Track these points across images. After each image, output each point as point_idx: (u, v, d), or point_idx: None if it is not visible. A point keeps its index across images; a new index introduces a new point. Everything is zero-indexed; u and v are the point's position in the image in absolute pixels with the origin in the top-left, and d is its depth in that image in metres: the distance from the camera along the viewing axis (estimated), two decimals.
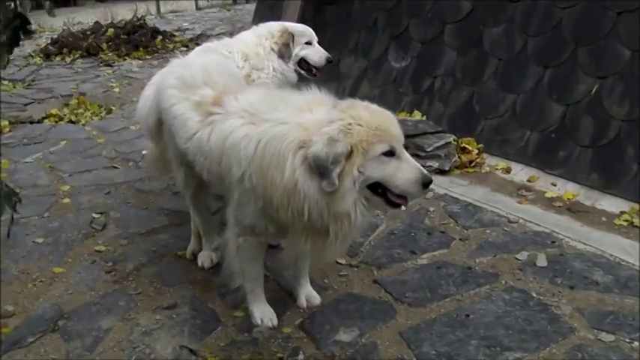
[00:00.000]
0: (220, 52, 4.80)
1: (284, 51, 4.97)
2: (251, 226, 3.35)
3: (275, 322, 3.71)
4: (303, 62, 5.14)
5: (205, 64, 3.92)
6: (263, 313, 3.72)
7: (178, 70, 3.92)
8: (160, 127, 4.15)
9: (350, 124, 2.91)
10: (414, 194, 3.11)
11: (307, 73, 5.14)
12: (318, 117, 3.02)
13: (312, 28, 5.28)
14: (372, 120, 2.96)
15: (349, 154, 2.88)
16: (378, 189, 3.04)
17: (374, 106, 3.14)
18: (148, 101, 4.32)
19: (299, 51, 5.09)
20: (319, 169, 2.86)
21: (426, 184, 3.04)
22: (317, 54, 5.16)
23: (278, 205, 3.01)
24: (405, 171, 3.00)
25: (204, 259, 4.38)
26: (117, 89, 9.82)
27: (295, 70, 5.10)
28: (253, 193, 3.16)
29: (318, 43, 5.26)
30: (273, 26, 5.11)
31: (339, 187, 2.88)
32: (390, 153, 2.97)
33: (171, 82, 3.80)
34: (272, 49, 4.94)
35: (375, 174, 2.96)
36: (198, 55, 4.81)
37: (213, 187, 3.81)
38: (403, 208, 3.18)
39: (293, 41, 5.04)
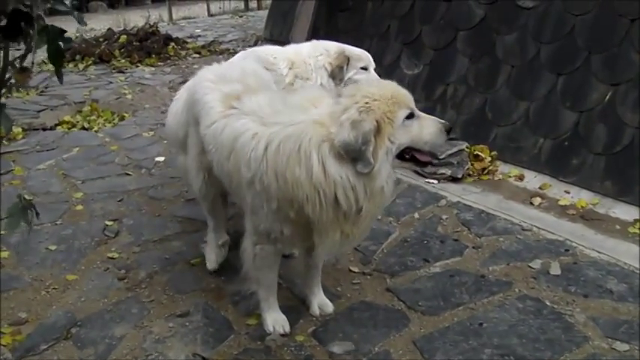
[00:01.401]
0: (265, 58, 4.86)
1: (336, 73, 4.89)
2: (267, 231, 3.37)
3: (287, 328, 3.71)
4: None
5: (244, 66, 4.05)
6: (275, 321, 3.73)
7: (213, 72, 4.03)
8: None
9: (367, 102, 3.01)
10: (442, 143, 3.25)
11: None
12: (329, 110, 3.10)
13: (325, 36, 5.29)
14: (384, 91, 3.09)
15: (377, 130, 2.97)
16: (405, 154, 3.16)
17: (374, 81, 3.25)
18: (177, 116, 4.41)
19: (353, 75, 4.96)
20: (351, 154, 2.94)
21: (448, 130, 3.18)
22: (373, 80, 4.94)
23: (303, 201, 3.05)
24: (427, 126, 3.15)
25: (209, 263, 4.42)
26: (129, 96, 9.84)
27: None
28: (265, 195, 3.19)
29: None
30: (332, 46, 5.05)
31: (374, 164, 2.97)
32: (411, 115, 3.10)
33: (209, 77, 3.93)
34: (324, 67, 4.90)
35: (404, 139, 3.08)
36: (239, 58, 4.94)
37: (224, 184, 3.83)
38: (432, 164, 3.37)
39: (348, 64, 4.95)
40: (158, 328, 3.80)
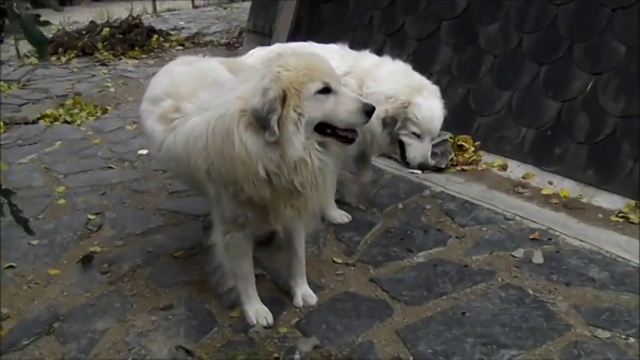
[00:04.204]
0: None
1: (389, 122, 4.37)
2: (233, 218, 3.38)
3: (270, 320, 3.70)
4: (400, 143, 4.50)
5: (176, 75, 3.96)
6: (257, 313, 3.72)
7: (150, 88, 4.06)
8: None
9: (278, 72, 3.02)
10: (358, 123, 3.18)
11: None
12: (251, 83, 3.10)
13: (308, 27, 5.19)
14: (300, 63, 3.07)
15: (283, 99, 2.96)
16: (327, 129, 3.13)
17: (303, 52, 3.33)
18: None
19: (403, 135, 4.43)
20: (260, 122, 2.96)
21: (368, 111, 3.12)
22: (418, 152, 4.45)
23: (242, 180, 3.07)
24: (344, 104, 3.10)
25: None
26: (112, 89, 9.79)
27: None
28: (221, 180, 3.21)
29: (314, 40, 5.12)
30: (400, 91, 4.40)
31: (282, 134, 2.96)
32: (326, 90, 3.06)
33: (145, 96, 3.99)
34: (379, 115, 4.16)
35: (315, 113, 3.05)
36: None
37: (193, 190, 3.83)
38: (353, 141, 3.23)
39: (404, 121, 4.36)
40: (141, 321, 3.78)
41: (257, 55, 4.92)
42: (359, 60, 4.64)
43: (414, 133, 4.39)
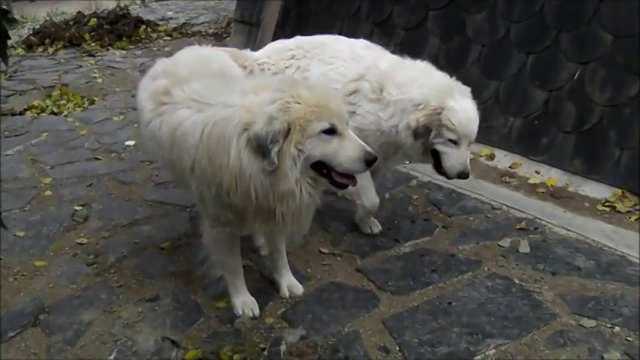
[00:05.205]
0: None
1: (422, 132, 3.98)
2: (216, 215, 3.37)
3: (256, 311, 3.70)
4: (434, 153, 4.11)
5: (179, 56, 3.95)
6: (244, 304, 3.72)
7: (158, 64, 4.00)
8: None
9: (288, 102, 2.95)
10: (357, 171, 3.10)
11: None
12: (262, 99, 3.03)
13: (296, 17, 5.14)
14: (311, 98, 2.98)
15: (287, 132, 2.90)
16: (323, 169, 3.07)
17: (316, 85, 3.23)
18: None
19: (439, 144, 4.03)
20: (260, 148, 2.90)
21: (369, 161, 3.03)
22: (456, 159, 4.04)
23: (228, 188, 3.04)
24: (347, 149, 3.01)
25: None
26: (100, 80, 9.74)
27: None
28: (206, 180, 3.18)
29: (301, 33, 5.04)
30: (429, 96, 4.02)
31: (279, 166, 2.92)
32: (331, 131, 2.99)
33: (148, 73, 3.93)
34: (409, 125, 3.98)
35: (315, 152, 2.98)
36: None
37: (169, 175, 3.80)
38: (350, 188, 3.22)
39: (439, 127, 3.98)
40: (127, 312, 3.77)
41: (269, 48, 4.81)
42: (376, 61, 4.35)
43: (450, 140, 3.99)
